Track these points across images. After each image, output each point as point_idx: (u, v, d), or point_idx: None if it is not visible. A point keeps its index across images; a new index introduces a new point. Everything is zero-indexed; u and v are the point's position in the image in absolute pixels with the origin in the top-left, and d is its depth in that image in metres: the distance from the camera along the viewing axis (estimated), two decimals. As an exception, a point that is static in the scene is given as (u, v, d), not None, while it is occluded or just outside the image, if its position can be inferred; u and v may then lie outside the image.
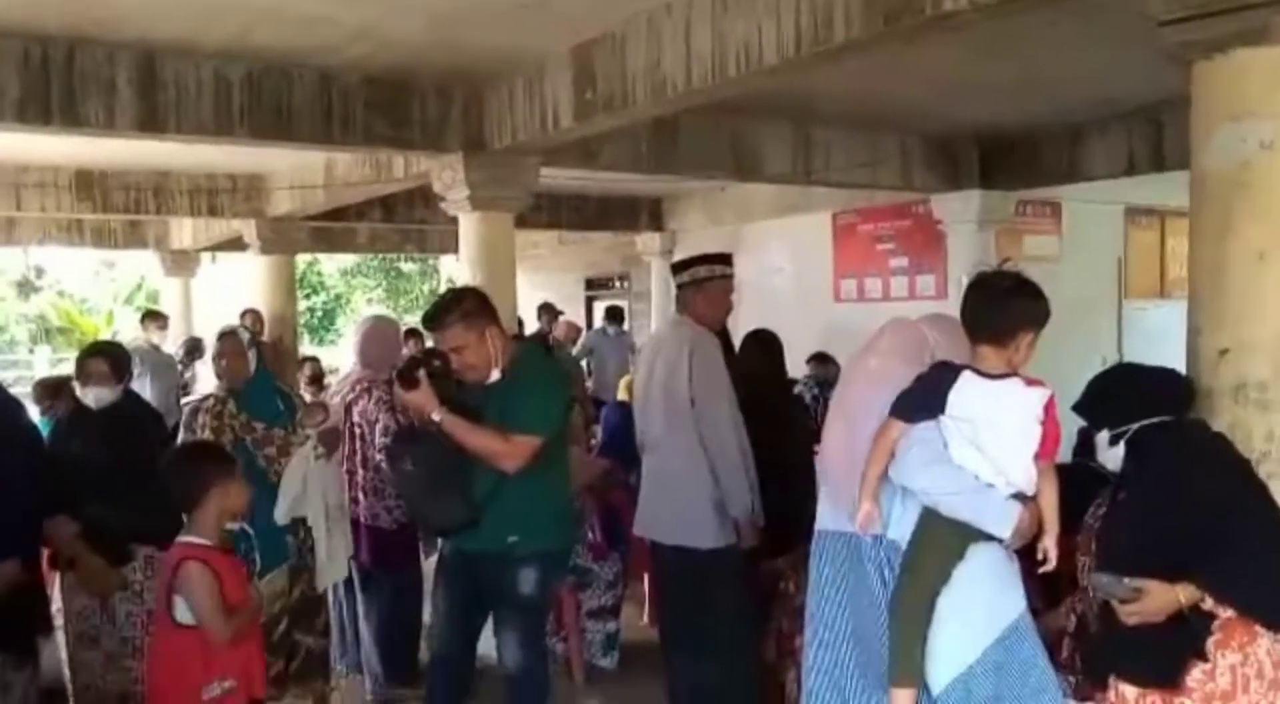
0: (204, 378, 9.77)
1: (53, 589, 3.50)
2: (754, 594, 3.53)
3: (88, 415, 3.36)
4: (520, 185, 5.54)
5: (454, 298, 3.18)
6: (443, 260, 16.82)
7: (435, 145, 5.22)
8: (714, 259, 3.63)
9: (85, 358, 3.41)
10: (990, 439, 2.18)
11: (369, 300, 22.54)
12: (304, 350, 11.18)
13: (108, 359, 3.39)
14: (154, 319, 8.87)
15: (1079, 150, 6.52)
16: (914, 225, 8.23)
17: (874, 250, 8.71)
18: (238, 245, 9.04)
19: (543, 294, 10.52)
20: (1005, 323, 2.20)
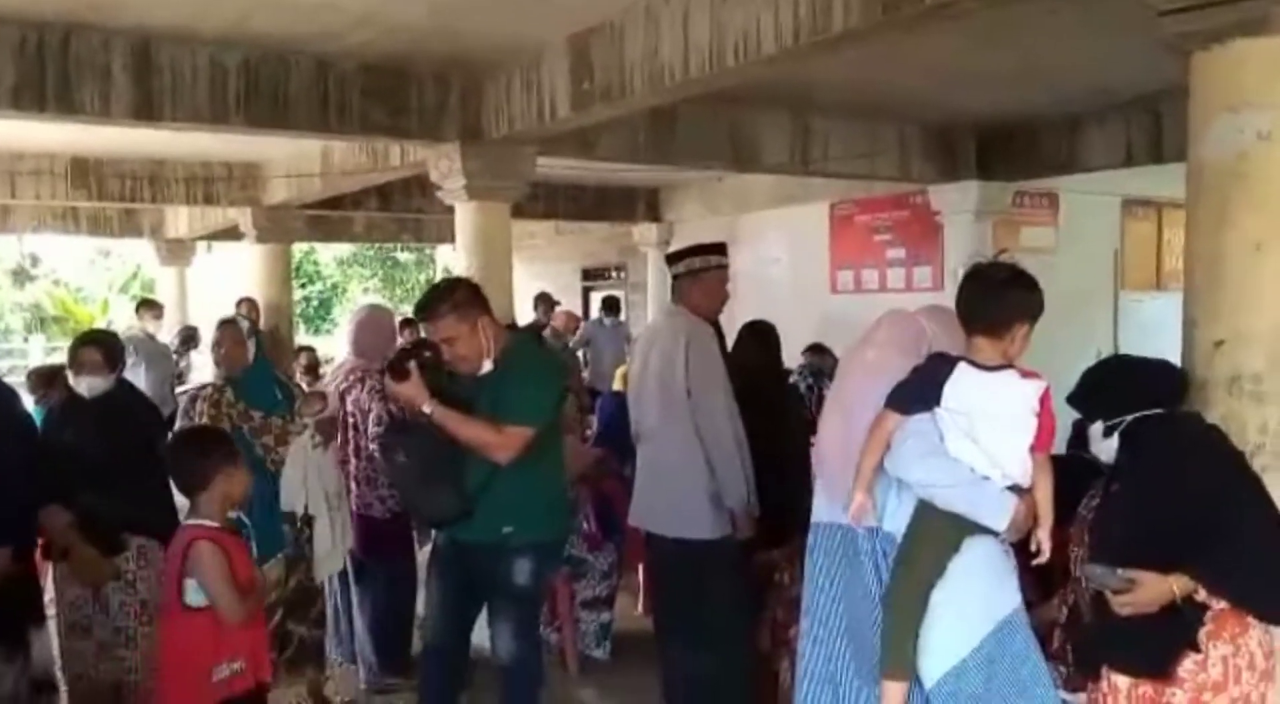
0: (199, 367, 9.78)
1: (46, 579, 3.51)
2: (749, 585, 3.54)
3: (81, 404, 3.35)
4: (517, 175, 5.53)
5: (446, 289, 3.17)
6: (439, 250, 16.76)
7: (432, 134, 5.20)
8: (709, 249, 3.61)
9: (78, 347, 3.40)
10: (986, 431, 2.18)
11: (365, 290, 22.51)
12: (300, 340, 11.16)
13: (101, 348, 3.38)
14: (149, 308, 8.86)
15: (1077, 141, 6.50)
16: (911, 216, 8.21)
17: (871, 241, 8.69)
18: (233, 234, 9.03)
19: (539, 284, 10.50)
20: (1000, 314, 2.20)
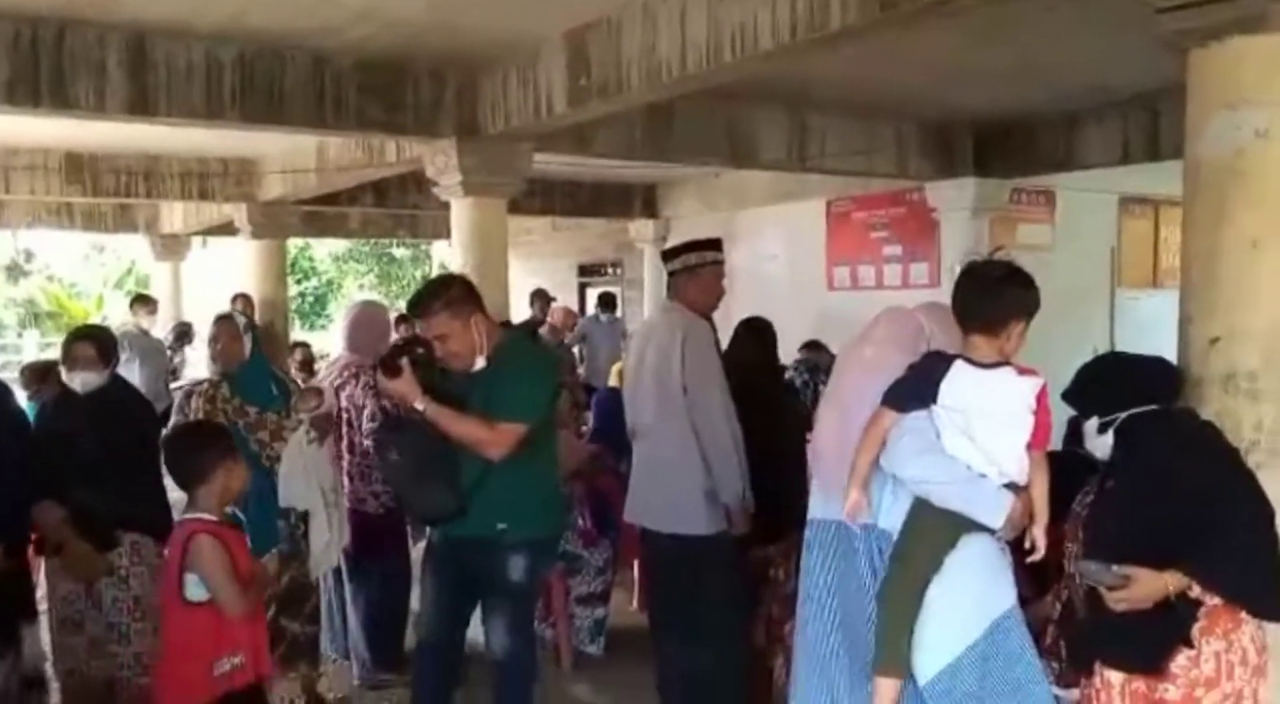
0: (193, 363, 9.76)
1: (38, 575, 3.49)
2: (744, 581, 3.53)
3: (74, 400, 3.33)
4: (513, 171, 5.52)
5: (439, 285, 3.16)
6: (435, 246, 16.75)
7: (428, 130, 5.18)
8: (705, 245, 3.61)
9: (71, 342, 3.38)
10: (982, 429, 2.18)
11: (361, 286, 22.49)
12: (295, 336, 11.16)
13: (94, 343, 3.36)
14: (143, 304, 8.83)
15: (1074, 138, 6.50)
16: (908, 213, 8.21)
17: (868, 238, 8.69)
18: (228, 230, 9.00)
19: (536, 281, 10.49)
20: (997, 312, 2.19)
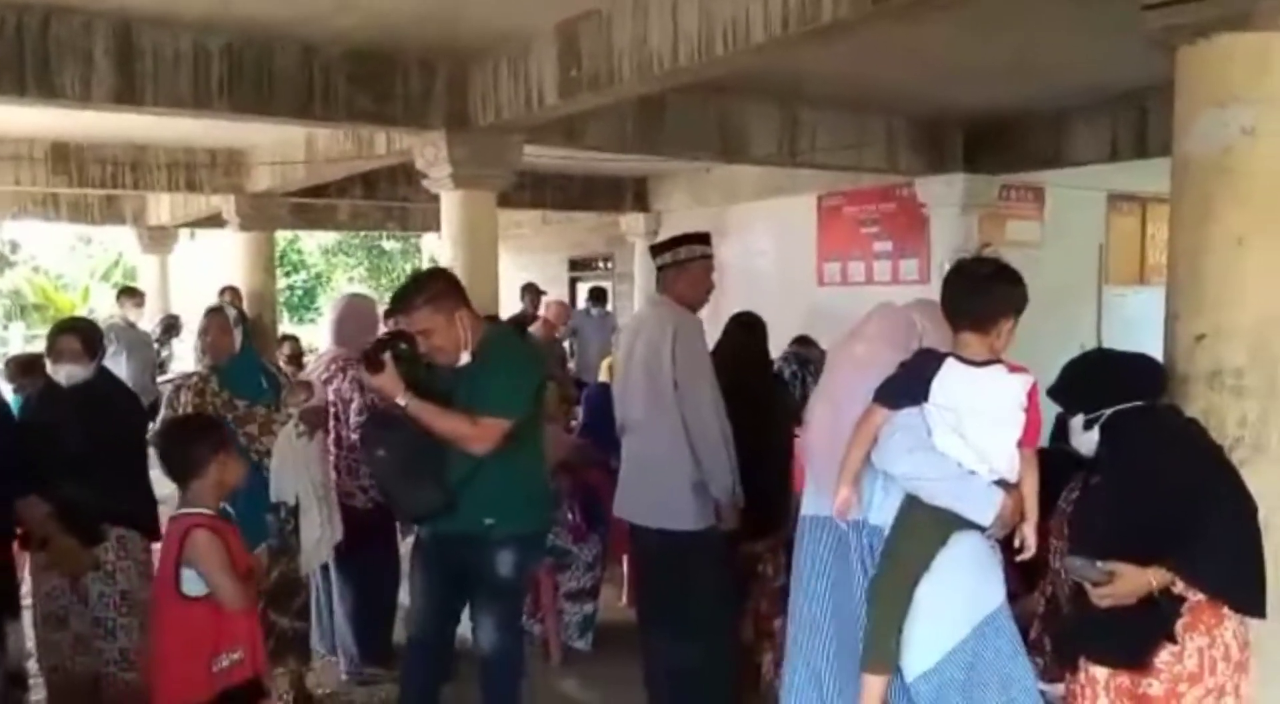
0: (180, 356, 9.70)
1: (22, 571, 3.47)
2: (733, 576, 3.54)
3: (60, 393, 3.31)
4: (504, 163, 5.49)
5: (422, 280, 3.14)
6: (425, 238, 16.66)
7: (418, 122, 5.15)
8: (694, 239, 3.60)
9: (56, 335, 3.36)
10: (973, 426, 2.18)
11: (350, 279, 22.38)
12: (284, 329, 11.10)
13: (79, 336, 3.34)
14: (130, 296, 8.78)
15: (1064, 135, 6.52)
16: (898, 209, 8.22)
17: (858, 234, 8.70)
18: (216, 221, 8.94)
19: (526, 274, 10.45)
20: (986, 309, 2.20)
